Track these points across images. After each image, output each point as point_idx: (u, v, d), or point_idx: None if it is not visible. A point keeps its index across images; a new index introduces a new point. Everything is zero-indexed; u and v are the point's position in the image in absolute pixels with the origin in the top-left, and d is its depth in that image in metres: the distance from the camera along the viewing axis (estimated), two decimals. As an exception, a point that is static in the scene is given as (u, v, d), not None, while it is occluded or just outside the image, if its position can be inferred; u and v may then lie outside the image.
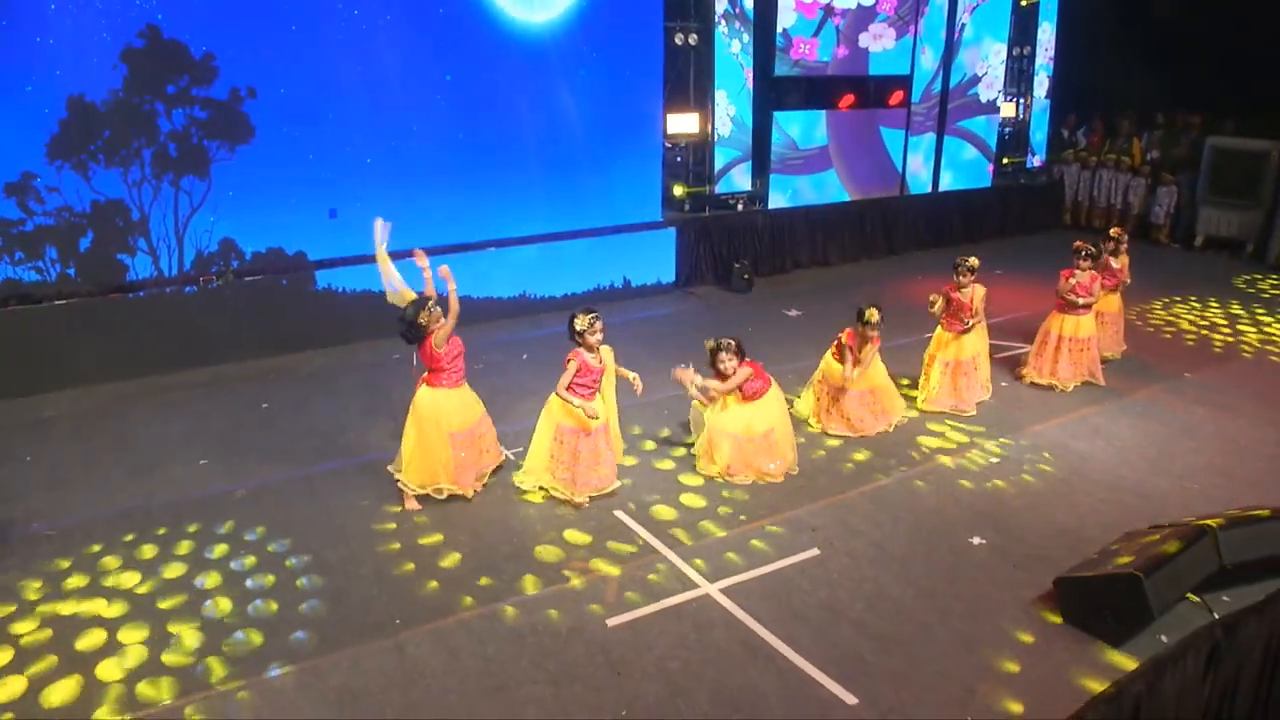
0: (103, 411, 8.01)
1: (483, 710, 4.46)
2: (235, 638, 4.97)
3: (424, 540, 5.94)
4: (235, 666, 4.73)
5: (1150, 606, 4.97)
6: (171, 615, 5.16)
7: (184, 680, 4.63)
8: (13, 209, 8.28)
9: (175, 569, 5.62)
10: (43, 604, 5.25)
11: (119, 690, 4.56)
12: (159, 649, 4.86)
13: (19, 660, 4.77)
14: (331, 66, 9.23)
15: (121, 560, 5.70)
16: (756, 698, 4.57)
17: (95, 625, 5.07)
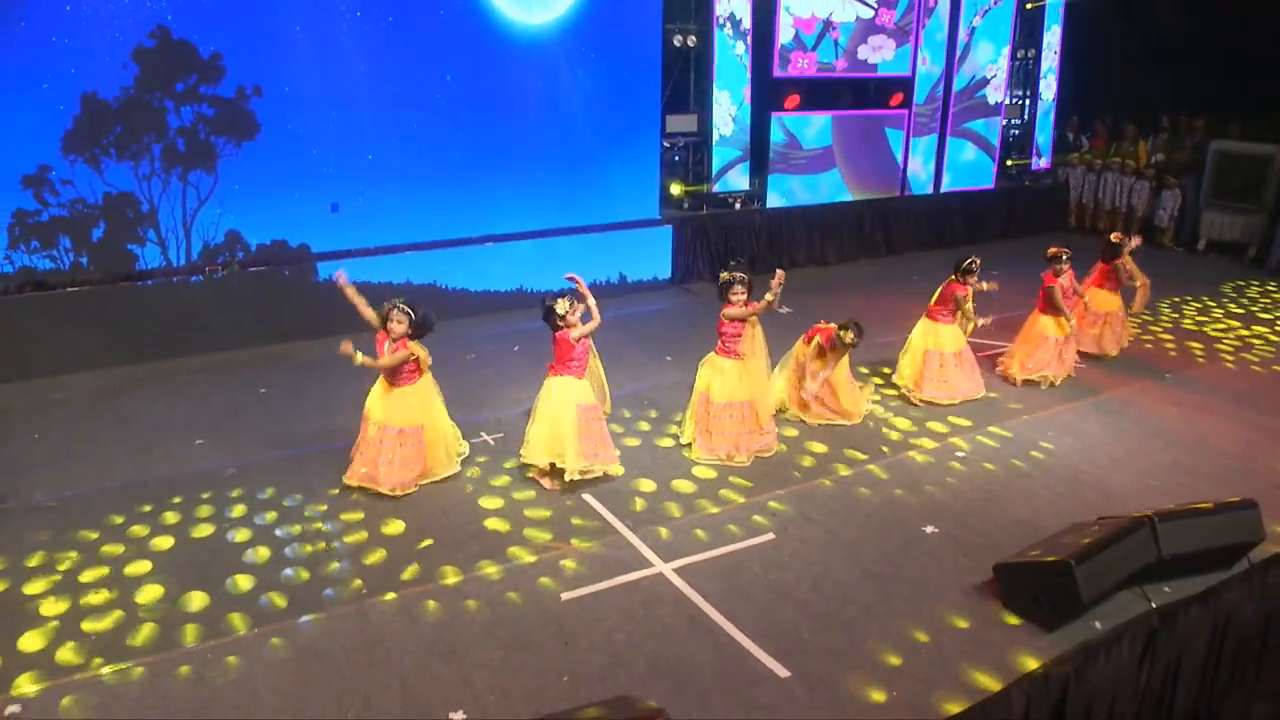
0: (109, 394, 8.40)
1: (434, 671, 4.76)
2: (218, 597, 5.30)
3: (393, 518, 6.23)
4: (207, 628, 5.06)
5: (1080, 593, 5.15)
6: (141, 581, 5.49)
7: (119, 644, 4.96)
8: (29, 200, 8.71)
9: (163, 541, 5.95)
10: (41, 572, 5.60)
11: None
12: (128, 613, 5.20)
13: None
14: (335, 66, 9.58)
15: (101, 534, 6.03)
16: (692, 668, 4.82)
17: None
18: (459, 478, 6.81)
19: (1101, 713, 5.23)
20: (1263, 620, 6.01)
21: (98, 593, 5.38)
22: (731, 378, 7.03)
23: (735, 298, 6.89)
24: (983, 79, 14.23)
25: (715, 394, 7.02)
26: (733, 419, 7.02)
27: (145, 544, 5.91)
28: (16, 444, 7.37)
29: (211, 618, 5.18)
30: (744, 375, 7.04)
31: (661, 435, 7.59)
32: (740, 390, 7.02)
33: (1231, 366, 9.39)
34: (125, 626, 5.09)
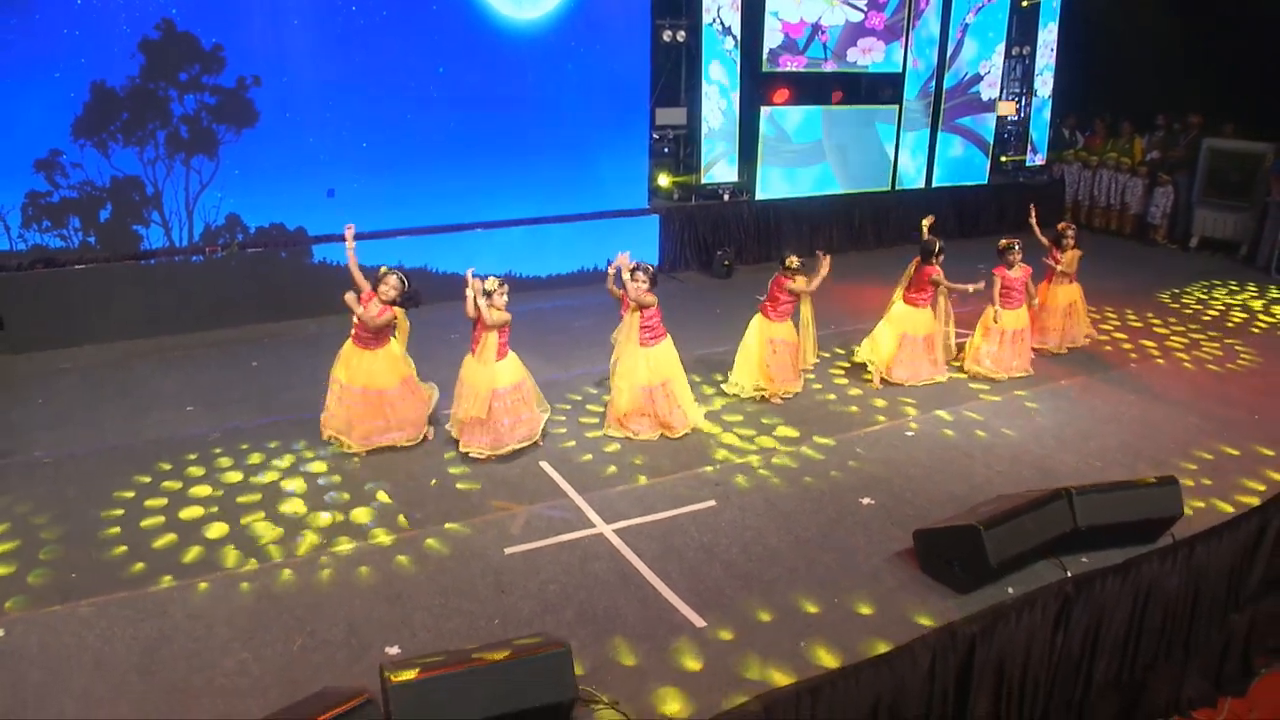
0: (111, 365, 8.91)
1: (377, 612, 5.18)
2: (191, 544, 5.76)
3: (360, 478, 6.67)
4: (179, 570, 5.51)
5: (988, 556, 5.46)
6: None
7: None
8: (41, 182, 9.24)
9: (155, 501, 6.41)
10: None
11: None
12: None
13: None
14: (331, 58, 10.05)
15: (106, 487, 6.52)
16: (616, 616, 5.20)
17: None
18: (431, 443, 7.20)
19: (1014, 672, 5.52)
20: (1191, 595, 6.25)
21: (104, 531, 5.84)
22: (649, 363, 7.36)
23: (637, 281, 7.19)
24: (976, 76, 14.46)
25: (639, 379, 7.37)
26: (649, 400, 7.36)
27: (132, 495, 6.38)
28: (22, 408, 7.90)
29: (184, 561, 5.62)
30: (653, 359, 7.35)
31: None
32: (654, 376, 7.34)
33: (1190, 366, 9.47)
34: (112, 567, 5.54)
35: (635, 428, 7.37)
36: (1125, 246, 14.69)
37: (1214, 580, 6.35)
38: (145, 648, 4.86)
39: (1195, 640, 6.46)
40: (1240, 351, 9.81)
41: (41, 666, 4.70)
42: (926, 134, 14.35)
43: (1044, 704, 5.80)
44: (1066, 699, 5.95)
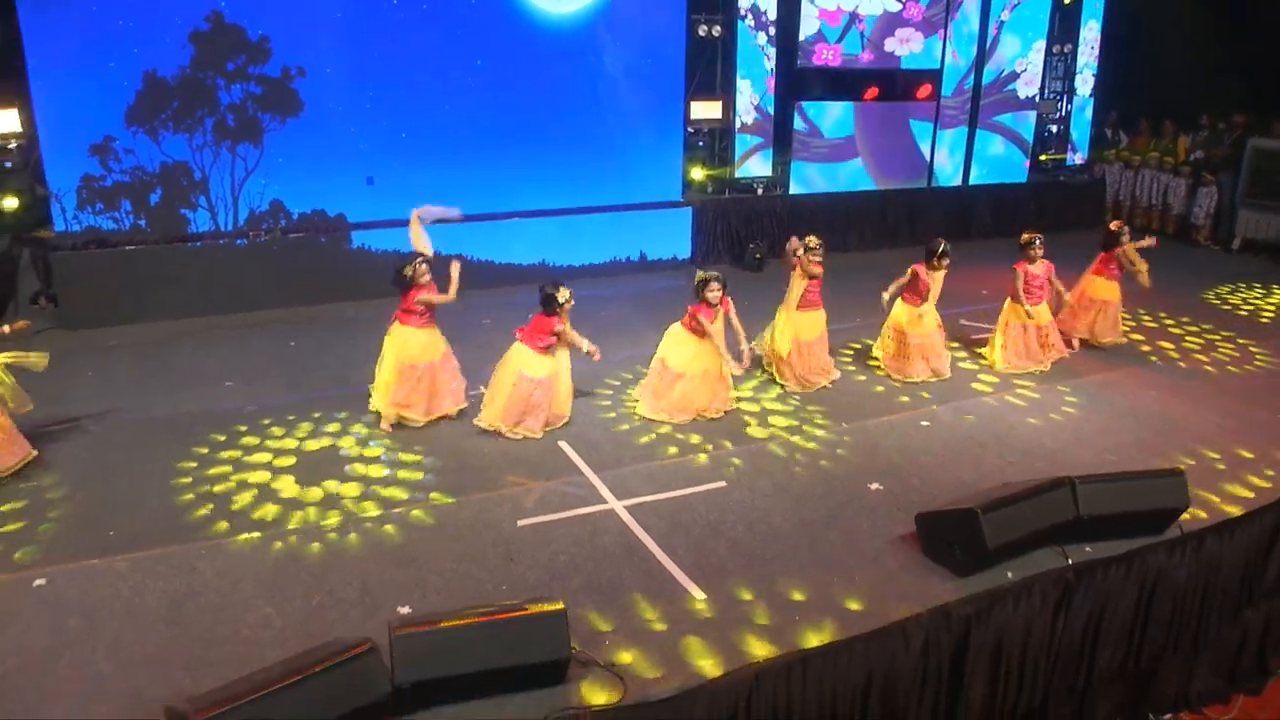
0: (157, 342, 9.32)
1: (390, 575, 5.43)
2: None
3: (404, 456, 6.97)
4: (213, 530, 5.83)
5: (985, 539, 5.56)
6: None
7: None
8: (95, 166, 9.68)
9: (190, 466, 6.76)
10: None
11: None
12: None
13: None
14: (373, 50, 10.39)
15: (144, 456, 6.88)
16: (619, 586, 5.40)
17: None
18: (462, 418, 7.50)
19: (1013, 656, 5.62)
20: (1201, 589, 6.27)
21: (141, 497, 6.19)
22: (695, 351, 7.57)
23: (710, 295, 7.40)
24: (1012, 73, 14.41)
25: (675, 363, 7.57)
26: (689, 384, 7.55)
27: (169, 462, 6.73)
28: (72, 380, 8.30)
29: (215, 523, 5.95)
30: (703, 348, 7.54)
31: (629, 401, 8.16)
32: (696, 364, 7.55)
33: (1210, 368, 9.30)
34: (147, 527, 5.88)
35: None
36: (1167, 247, 14.48)
37: (1226, 575, 6.35)
38: (174, 600, 5.16)
39: (1206, 634, 6.47)
40: (1255, 352, 9.70)
41: (78, 614, 5.01)
42: (964, 131, 14.32)
43: (1044, 689, 5.89)
44: (1068, 686, 6.03)
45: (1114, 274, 9.37)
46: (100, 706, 4.33)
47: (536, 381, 7.20)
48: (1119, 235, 9.31)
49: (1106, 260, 9.37)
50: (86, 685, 4.47)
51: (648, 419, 7.66)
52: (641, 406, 7.75)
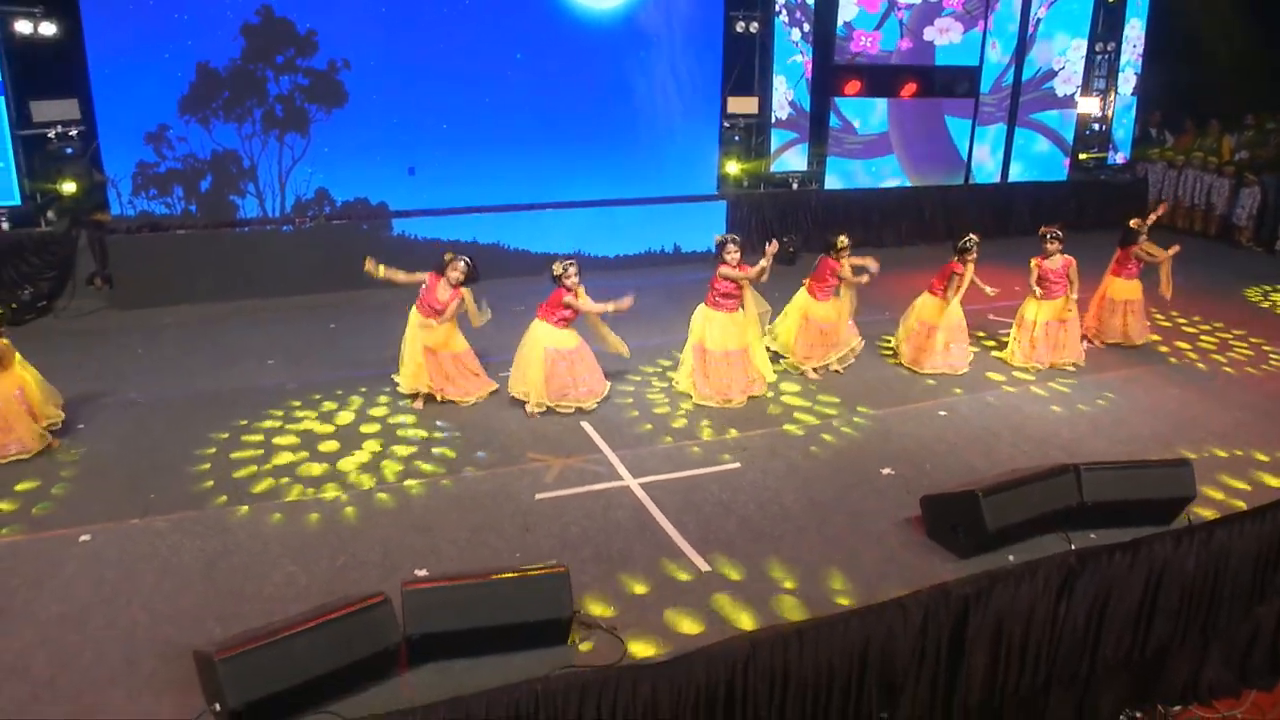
0: (204, 322, 9.75)
1: (410, 540, 5.72)
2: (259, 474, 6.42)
3: (433, 432, 7.27)
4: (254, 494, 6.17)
5: (985, 521, 5.68)
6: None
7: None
8: (150, 153, 10.13)
9: (226, 437, 7.12)
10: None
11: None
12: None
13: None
14: (416, 43, 10.73)
15: (187, 425, 7.26)
16: (628, 557, 5.63)
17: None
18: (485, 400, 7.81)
19: (1014, 638, 5.72)
20: (1210, 580, 6.31)
21: (170, 470, 6.56)
22: (725, 329, 7.75)
23: (729, 258, 7.62)
24: (1050, 71, 14.36)
25: (711, 344, 7.77)
26: (729, 365, 7.76)
27: (209, 433, 7.10)
28: (124, 356, 8.78)
29: (251, 490, 6.31)
30: (735, 326, 7.75)
31: (663, 380, 8.38)
32: (734, 340, 7.74)
33: (1240, 363, 9.31)
34: (186, 491, 6.25)
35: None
36: (1208, 247, 14.39)
37: (1237, 568, 6.38)
38: (208, 559, 5.49)
39: (1215, 627, 6.50)
40: (1269, 352, 9.61)
41: (117, 568, 5.37)
42: (1003, 129, 14.31)
43: (1046, 673, 5.99)
44: (1072, 672, 6.12)
45: (1131, 273, 9.36)
46: (134, 652, 4.65)
47: (560, 353, 7.45)
48: (1136, 234, 9.27)
49: (1124, 259, 9.35)
50: (122, 633, 4.80)
51: (679, 395, 7.94)
52: (682, 384, 8.02)
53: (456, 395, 7.68)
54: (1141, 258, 9.31)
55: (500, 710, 4.38)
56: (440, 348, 7.57)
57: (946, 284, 8.59)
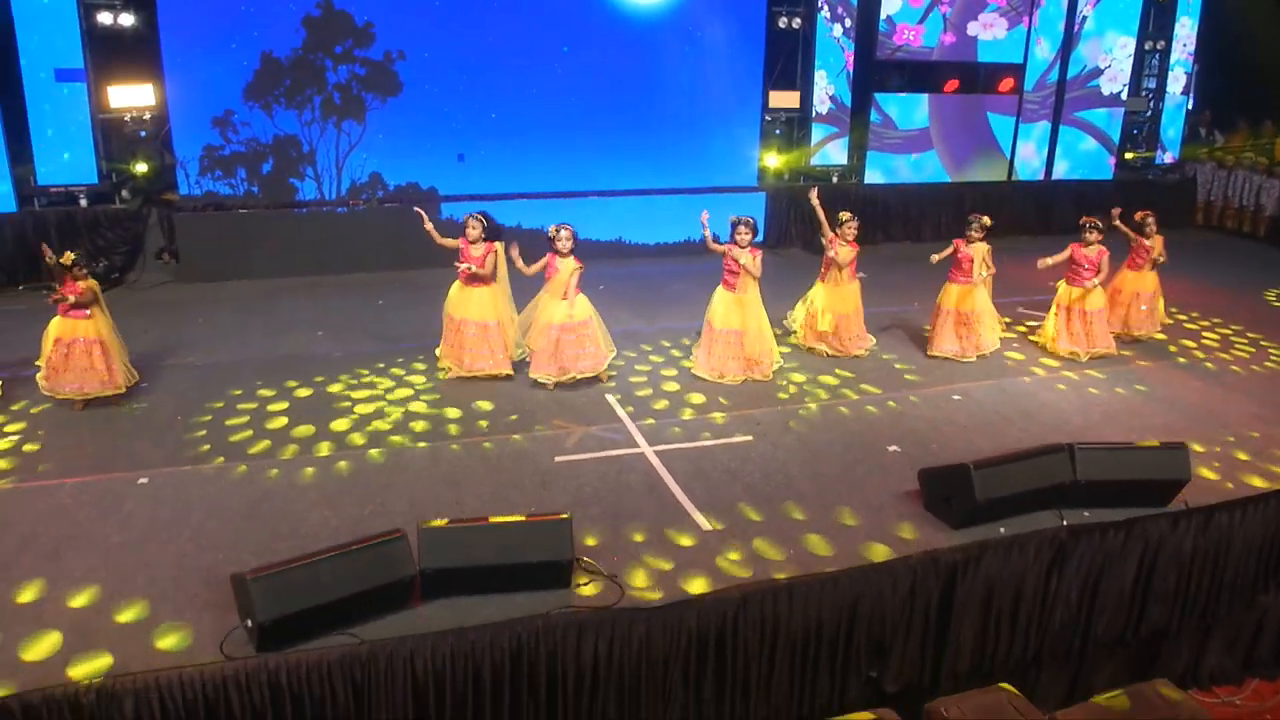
0: (260, 296, 10.41)
1: (437, 493, 6.18)
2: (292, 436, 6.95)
3: (451, 396, 7.77)
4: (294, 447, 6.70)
5: (974, 492, 5.94)
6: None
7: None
8: (216, 137, 10.80)
9: (279, 398, 7.69)
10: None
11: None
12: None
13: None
14: (468, 36, 11.26)
15: (240, 387, 7.85)
16: (634, 513, 6.01)
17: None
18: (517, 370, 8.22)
19: (1004, 605, 5.97)
20: (1209, 565, 6.45)
21: (221, 425, 7.15)
22: (730, 308, 8.13)
23: (739, 239, 7.96)
24: (1095, 69, 14.38)
25: (717, 321, 8.13)
26: (727, 344, 8.11)
27: (259, 393, 7.70)
28: (186, 325, 9.43)
29: (293, 441, 6.85)
30: (738, 306, 8.08)
31: (688, 358, 8.74)
32: (735, 319, 8.08)
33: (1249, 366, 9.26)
34: (236, 444, 6.82)
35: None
36: (1256, 248, 14.32)
37: (1239, 554, 6.53)
38: (250, 502, 6.02)
39: (1216, 613, 6.64)
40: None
41: (170, 507, 5.91)
42: (1047, 126, 14.38)
43: (1037, 645, 6.22)
44: (1065, 648, 6.33)
45: (1136, 264, 9.49)
46: (181, 577, 5.18)
47: (559, 327, 7.82)
48: (1141, 225, 9.42)
49: (1134, 251, 9.48)
50: (171, 560, 5.33)
51: (697, 377, 8.26)
52: (694, 365, 8.37)
53: (464, 369, 7.99)
54: (1141, 253, 9.48)
55: (503, 642, 4.82)
56: (470, 316, 7.92)
57: (966, 268, 8.81)
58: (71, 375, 7.19)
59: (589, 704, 5.11)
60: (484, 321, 7.99)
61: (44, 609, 4.87)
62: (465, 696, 4.80)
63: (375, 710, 4.69)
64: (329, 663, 4.56)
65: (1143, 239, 9.54)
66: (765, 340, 8.27)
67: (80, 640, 4.63)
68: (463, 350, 8.01)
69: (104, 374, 7.25)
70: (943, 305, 8.94)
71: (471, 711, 4.85)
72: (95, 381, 7.23)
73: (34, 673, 4.41)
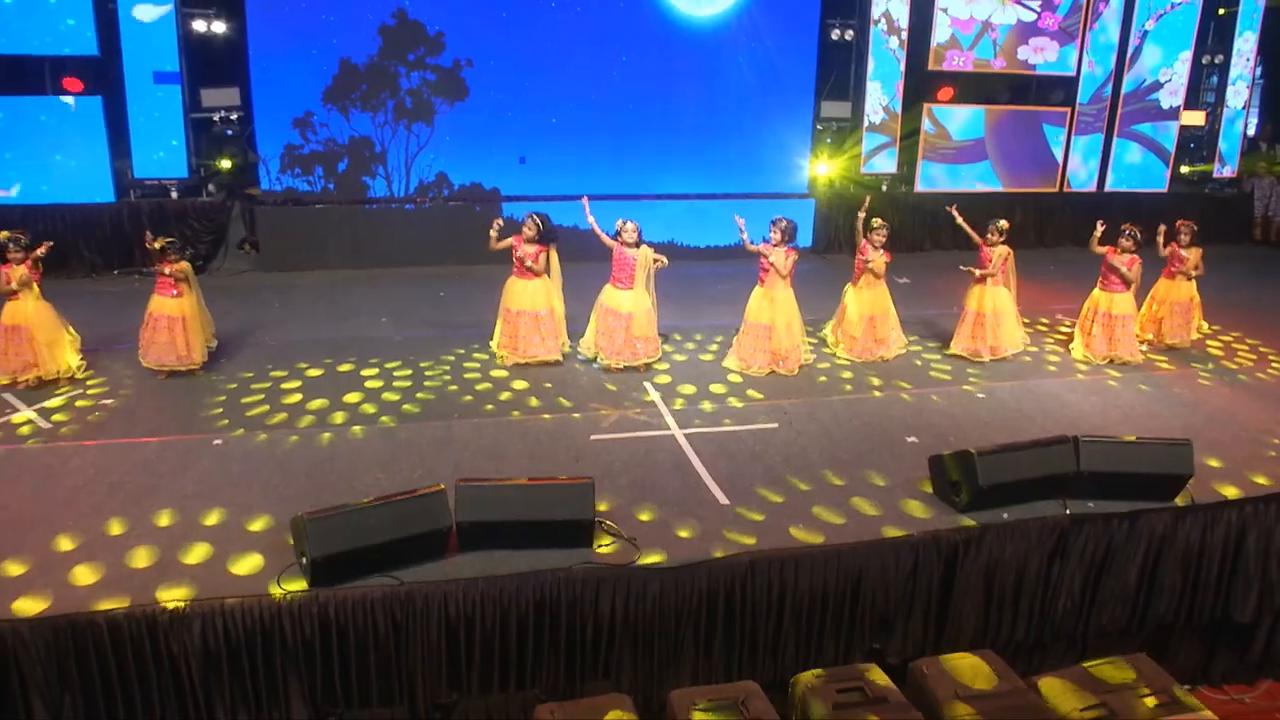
0: (332, 286, 11.18)
1: (479, 462, 6.74)
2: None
3: (501, 374, 8.39)
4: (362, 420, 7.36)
5: (978, 476, 6.27)
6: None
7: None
8: (296, 137, 11.63)
9: (345, 370, 8.40)
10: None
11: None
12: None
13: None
14: (531, 45, 11.94)
15: (308, 363, 8.56)
16: (658, 487, 6.49)
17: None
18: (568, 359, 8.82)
19: (1006, 587, 6.30)
20: (1217, 562, 6.65)
21: (291, 396, 7.86)
22: (759, 302, 8.63)
23: (772, 236, 8.43)
24: (1155, 83, 14.47)
25: (749, 314, 8.61)
26: (754, 337, 8.57)
27: (331, 368, 8.42)
28: (263, 309, 10.23)
29: (355, 411, 7.55)
30: (767, 301, 8.53)
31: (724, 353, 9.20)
32: (764, 314, 8.53)
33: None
34: (303, 411, 7.51)
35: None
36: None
37: (1251, 554, 6.71)
38: (313, 462, 6.67)
39: (1228, 612, 6.83)
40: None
41: (241, 464, 6.60)
42: (1100, 138, 14.52)
43: (1039, 631, 6.52)
44: (1069, 635, 6.62)
45: (1171, 273, 9.66)
46: (247, 522, 5.83)
47: (610, 311, 8.56)
48: (1176, 233, 9.62)
49: (1170, 260, 9.69)
50: (239, 509, 5.98)
51: (727, 369, 8.72)
52: (727, 358, 8.85)
53: (519, 357, 8.60)
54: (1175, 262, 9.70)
55: (528, 590, 5.37)
56: (522, 307, 8.53)
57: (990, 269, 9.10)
58: (156, 349, 7.97)
59: (605, 653, 5.63)
60: (536, 311, 8.58)
61: (127, 543, 5.54)
62: (493, 637, 5.36)
63: (412, 645, 5.28)
64: (372, 600, 5.16)
65: (1178, 247, 9.69)
66: (793, 337, 8.68)
67: (158, 572, 5.28)
68: (517, 338, 8.60)
69: (183, 350, 8.01)
70: (967, 305, 9.25)
71: (499, 651, 5.40)
72: (173, 356, 8.00)
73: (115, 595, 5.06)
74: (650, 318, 8.66)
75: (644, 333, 8.60)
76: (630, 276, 8.43)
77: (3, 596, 4.98)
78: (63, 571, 5.23)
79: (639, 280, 8.47)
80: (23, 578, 5.16)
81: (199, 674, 4.99)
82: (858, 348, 9.11)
